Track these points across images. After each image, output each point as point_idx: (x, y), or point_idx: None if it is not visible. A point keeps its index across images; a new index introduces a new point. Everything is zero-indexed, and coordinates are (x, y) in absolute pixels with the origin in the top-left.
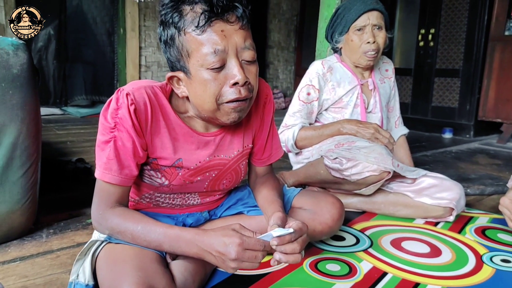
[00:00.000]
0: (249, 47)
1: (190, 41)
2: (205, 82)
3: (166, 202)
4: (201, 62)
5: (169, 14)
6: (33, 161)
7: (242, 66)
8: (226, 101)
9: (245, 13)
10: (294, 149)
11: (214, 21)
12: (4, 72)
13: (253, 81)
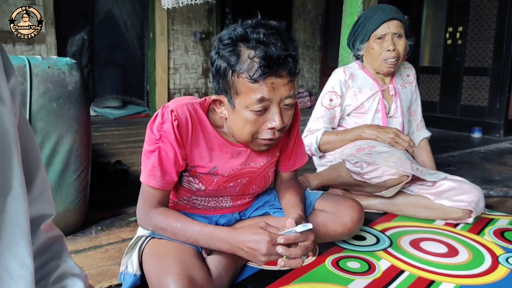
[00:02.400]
0: (291, 96)
1: (241, 84)
2: (247, 120)
3: (202, 204)
4: (247, 104)
5: (226, 51)
6: (85, 166)
7: (282, 112)
8: (261, 138)
9: (295, 67)
10: (317, 153)
11: (268, 76)
12: (61, 90)
13: (287, 122)
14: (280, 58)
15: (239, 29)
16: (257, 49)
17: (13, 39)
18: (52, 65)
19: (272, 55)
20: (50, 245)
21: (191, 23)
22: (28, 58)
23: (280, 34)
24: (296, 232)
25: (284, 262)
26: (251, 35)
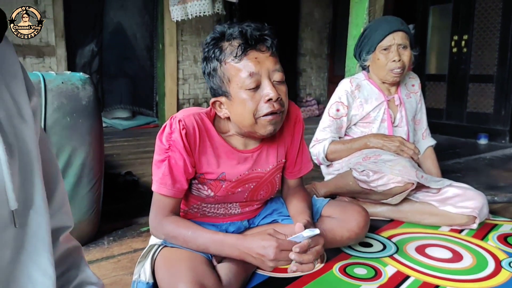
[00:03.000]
0: (278, 70)
1: (230, 69)
2: (244, 101)
3: (211, 212)
4: (240, 84)
5: (211, 50)
6: (98, 178)
7: (274, 85)
8: (263, 115)
9: (273, 43)
10: (325, 162)
11: (249, 51)
12: (75, 104)
13: (284, 97)
14: (255, 36)
15: (217, 29)
16: (234, 34)
17: (24, 52)
18: (66, 80)
19: (248, 34)
20: (69, 255)
21: (200, 33)
22: (42, 74)
23: (252, 22)
24: (303, 237)
25: (296, 266)
26: (227, 30)
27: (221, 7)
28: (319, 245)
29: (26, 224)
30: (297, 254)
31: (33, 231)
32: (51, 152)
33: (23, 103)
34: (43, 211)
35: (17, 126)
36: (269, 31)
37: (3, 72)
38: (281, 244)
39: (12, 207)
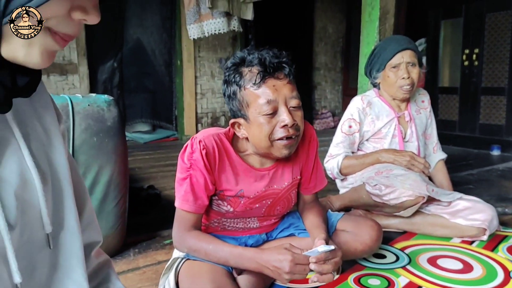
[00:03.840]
0: (295, 97)
1: (249, 95)
2: (261, 125)
3: (231, 226)
4: (258, 110)
5: (232, 75)
6: (123, 194)
7: (290, 111)
8: (278, 139)
9: (291, 71)
10: (339, 176)
11: (267, 79)
12: (101, 125)
13: (300, 123)
14: (273, 64)
15: (238, 55)
16: (254, 62)
17: (47, 70)
18: (92, 102)
19: (267, 62)
20: (100, 269)
21: (217, 50)
22: (70, 97)
23: (271, 50)
24: (318, 252)
25: (317, 277)
26: (247, 57)
27: (237, 25)
28: (337, 257)
29: (60, 244)
30: (317, 264)
31: (67, 250)
32: (78, 173)
33: (53, 131)
34: (75, 230)
35: (49, 154)
36: (286, 58)
37: (36, 106)
38: (296, 258)
39: (47, 231)
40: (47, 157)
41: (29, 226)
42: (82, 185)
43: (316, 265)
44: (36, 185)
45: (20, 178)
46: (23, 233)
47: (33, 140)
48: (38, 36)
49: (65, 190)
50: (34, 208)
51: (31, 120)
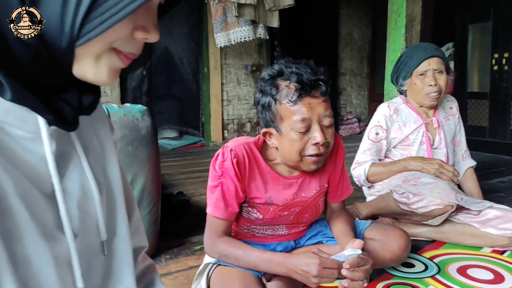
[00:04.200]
0: (328, 116)
1: (284, 110)
2: (293, 140)
3: (260, 233)
4: (291, 126)
5: (268, 87)
6: (156, 201)
7: (323, 129)
8: (308, 155)
9: (327, 89)
10: (366, 183)
11: (304, 96)
12: (136, 134)
13: (330, 140)
14: (311, 81)
15: (275, 67)
16: (292, 78)
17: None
18: (127, 112)
19: (304, 79)
20: (146, 273)
21: (243, 57)
22: (106, 107)
23: (308, 65)
24: (346, 256)
25: (348, 283)
26: (285, 70)
27: (263, 32)
28: (368, 264)
29: (113, 250)
30: (349, 270)
31: (119, 256)
32: (127, 181)
33: (107, 143)
34: (126, 238)
35: (104, 166)
36: (324, 75)
37: (92, 119)
38: (323, 261)
39: (102, 238)
40: (103, 169)
41: (87, 234)
42: (131, 193)
43: (348, 271)
44: (94, 195)
45: (81, 190)
46: (83, 240)
47: (91, 153)
48: (105, 56)
49: (117, 199)
50: (91, 217)
51: (89, 134)
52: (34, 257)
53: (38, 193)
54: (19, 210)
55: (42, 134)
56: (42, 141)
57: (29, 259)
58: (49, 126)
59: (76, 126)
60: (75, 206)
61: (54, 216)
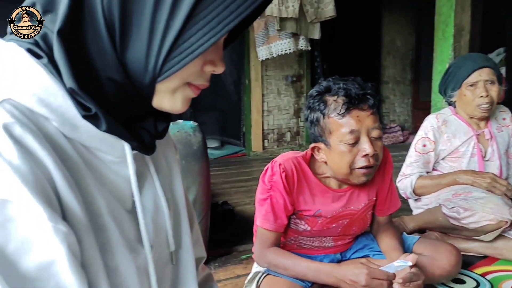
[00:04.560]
0: (377, 127)
1: (332, 123)
2: (342, 153)
3: (307, 244)
4: (340, 138)
5: (316, 103)
6: (206, 212)
7: (372, 141)
8: (358, 167)
9: (375, 103)
10: (412, 196)
11: (352, 109)
12: (188, 149)
13: (380, 152)
14: (359, 95)
15: (323, 84)
16: (339, 92)
17: None
18: (181, 129)
19: (352, 93)
20: (205, 282)
21: (283, 68)
22: None
23: (356, 81)
24: (395, 267)
25: None
26: (333, 86)
27: (304, 44)
28: (420, 280)
29: (179, 261)
30: (401, 285)
31: (184, 266)
32: (187, 196)
33: (173, 163)
34: (190, 248)
35: (170, 183)
36: (372, 90)
37: (161, 142)
38: (372, 272)
39: (171, 249)
40: (170, 186)
41: (159, 245)
42: (191, 207)
43: (400, 285)
44: (164, 211)
45: (154, 206)
46: (156, 251)
47: (161, 172)
48: (181, 89)
49: (182, 213)
50: (162, 230)
51: (159, 155)
52: (122, 267)
53: (123, 209)
54: (110, 226)
55: (128, 158)
56: (126, 164)
57: (118, 269)
58: (132, 151)
59: (154, 150)
60: (150, 220)
61: (135, 230)
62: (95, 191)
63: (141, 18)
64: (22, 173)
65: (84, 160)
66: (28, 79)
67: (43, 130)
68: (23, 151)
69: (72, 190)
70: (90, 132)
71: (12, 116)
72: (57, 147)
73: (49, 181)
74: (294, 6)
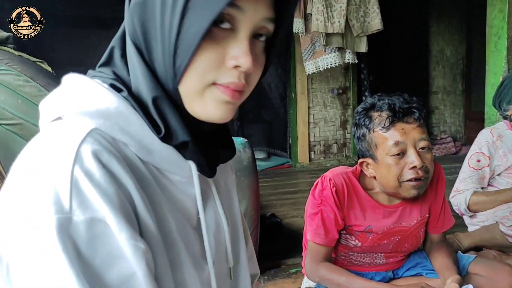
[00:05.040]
0: (424, 139)
1: (377, 137)
2: (389, 166)
3: (358, 260)
4: (386, 151)
5: (362, 118)
6: (256, 225)
7: (419, 153)
8: (406, 180)
9: (421, 115)
10: (467, 213)
11: (396, 122)
12: (238, 165)
13: (429, 165)
14: (403, 109)
15: (368, 100)
16: (384, 107)
17: None
18: None
19: (396, 107)
20: None
21: (329, 81)
22: None
23: (401, 96)
24: None
25: None
26: (377, 102)
27: (351, 57)
28: None
29: (237, 276)
30: None
31: (241, 282)
32: (242, 214)
33: (230, 183)
34: (245, 265)
35: (229, 202)
36: (417, 103)
37: (221, 166)
38: None
39: (230, 265)
40: (228, 204)
41: (220, 261)
42: (245, 224)
43: None
44: (224, 228)
45: (216, 223)
46: (217, 267)
47: (220, 192)
48: (207, 91)
49: (239, 231)
50: (222, 246)
51: (218, 176)
52: (189, 282)
53: (189, 226)
54: (178, 243)
55: (194, 179)
56: (193, 184)
57: (185, 284)
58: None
59: (215, 174)
60: (212, 237)
61: (200, 246)
62: (166, 210)
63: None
64: (109, 195)
65: (156, 181)
66: (111, 111)
67: (123, 155)
68: (109, 175)
69: (148, 210)
70: (162, 155)
71: (100, 144)
72: (135, 170)
73: (130, 202)
74: (340, 22)
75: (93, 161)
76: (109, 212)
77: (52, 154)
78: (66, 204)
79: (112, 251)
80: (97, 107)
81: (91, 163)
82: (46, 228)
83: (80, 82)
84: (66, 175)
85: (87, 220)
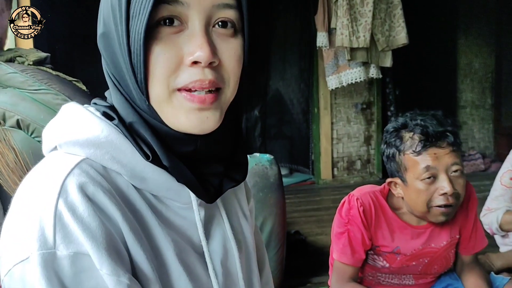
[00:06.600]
0: (457, 163)
1: (408, 160)
2: (419, 190)
3: (386, 281)
4: (416, 175)
5: (392, 138)
6: (282, 243)
7: (451, 179)
8: (436, 205)
9: (456, 140)
10: (499, 232)
11: (428, 147)
12: (265, 182)
13: (460, 191)
14: (437, 133)
15: (399, 119)
16: (416, 129)
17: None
18: (258, 162)
19: (429, 131)
20: None
21: (353, 96)
22: None
23: (435, 116)
24: None
25: None
26: (409, 122)
27: (375, 72)
28: None
29: None
30: None
31: None
32: (260, 238)
33: (244, 206)
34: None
35: (242, 225)
36: (452, 126)
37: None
38: None
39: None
40: (241, 228)
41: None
42: (263, 248)
43: None
44: (234, 254)
45: (223, 248)
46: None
47: (233, 214)
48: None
49: (252, 256)
50: (232, 273)
51: (230, 198)
52: None
53: (193, 254)
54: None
55: (193, 206)
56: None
57: None
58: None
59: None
60: (219, 263)
61: (205, 273)
62: (162, 238)
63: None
64: (91, 229)
65: (152, 209)
66: (101, 140)
67: (114, 184)
68: (93, 208)
69: (139, 240)
70: (157, 182)
71: (87, 176)
72: (126, 200)
73: (118, 234)
74: (365, 36)
75: (77, 195)
76: (90, 247)
77: (40, 187)
78: (50, 239)
79: (99, 284)
80: (87, 137)
81: (75, 196)
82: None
83: (73, 111)
84: (50, 209)
85: (70, 255)
